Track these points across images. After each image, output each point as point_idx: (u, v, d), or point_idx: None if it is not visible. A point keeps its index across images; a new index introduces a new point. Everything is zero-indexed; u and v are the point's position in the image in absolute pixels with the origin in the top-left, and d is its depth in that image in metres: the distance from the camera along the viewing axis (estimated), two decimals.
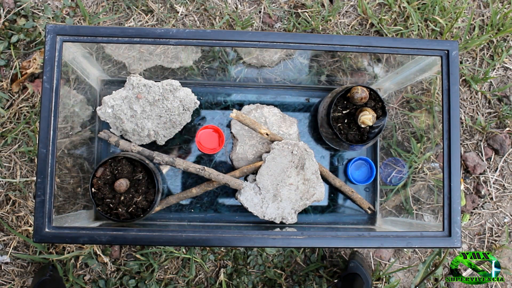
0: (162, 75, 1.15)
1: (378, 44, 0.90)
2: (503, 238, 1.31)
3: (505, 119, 1.33)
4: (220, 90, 1.19)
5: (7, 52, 1.26)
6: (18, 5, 1.27)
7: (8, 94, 1.25)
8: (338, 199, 1.19)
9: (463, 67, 1.34)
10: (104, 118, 1.07)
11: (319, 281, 1.26)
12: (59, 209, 0.93)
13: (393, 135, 1.19)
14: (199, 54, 1.11)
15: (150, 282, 1.22)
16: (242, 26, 1.29)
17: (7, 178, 1.23)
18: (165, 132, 1.10)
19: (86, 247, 1.21)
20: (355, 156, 1.20)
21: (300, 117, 1.20)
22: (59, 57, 0.85)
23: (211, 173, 1.06)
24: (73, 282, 1.21)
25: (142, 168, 1.03)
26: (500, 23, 1.34)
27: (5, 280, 1.22)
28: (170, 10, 1.30)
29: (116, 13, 1.29)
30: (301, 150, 1.08)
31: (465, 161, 1.32)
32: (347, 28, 1.34)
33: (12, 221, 1.22)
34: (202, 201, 1.15)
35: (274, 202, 1.07)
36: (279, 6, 1.33)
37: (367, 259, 1.29)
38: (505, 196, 1.33)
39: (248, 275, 1.25)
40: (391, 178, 1.19)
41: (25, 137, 1.23)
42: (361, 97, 1.05)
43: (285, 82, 1.20)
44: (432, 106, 1.08)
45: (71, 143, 1.03)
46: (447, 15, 1.32)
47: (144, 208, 1.01)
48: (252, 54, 1.13)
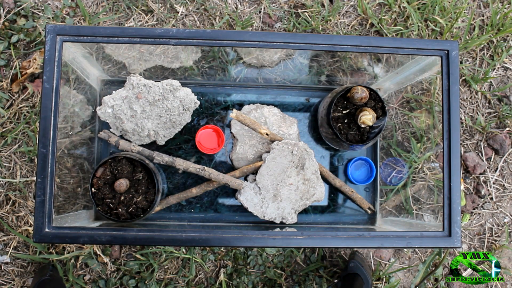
0: (162, 75, 1.15)
1: (378, 44, 0.90)
2: (503, 238, 1.31)
3: (505, 119, 1.33)
4: (220, 90, 1.19)
5: (7, 52, 1.26)
6: (18, 5, 1.27)
7: (8, 94, 1.25)
8: (338, 199, 1.19)
9: (463, 67, 1.34)
10: (104, 118, 1.07)
11: (319, 281, 1.26)
12: (59, 209, 0.93)
13: (393, 135, 1.19)
14: (199, 54, 1.11)
15: (150, 282, 1.22)
16: (242, 26, 1.29)
17: (7, 178, 1.23)
18: (165, 132, 1.10)
19: (86, 247, 1.21)
20: (355, 156, 1.20)
21: (300, 117, 1.20)
22: (59, 57, 0.85)
23: (211, 173, 1.06)
24: (73, 282, 1.21)
25: (142, 168, 1.03)
26: (500, 23, 1.34)
27: (5, 280, 1.22)
28: (170, 10, 1.30)
29: (116, 13, 1.29)
30: (301, 150, 1.08)
31: (465, 161, 1.32)
32: (347, 28, 1.34)
33: (12, 221, 1.22)
34: (202, 201, 1.15)
35: (274, 202, 1.07)
36: (279, 6, 1.33)
37: (367, 259, 1.29)
38: (505, 196, 1.33)
39: (248, 275, 1.25)
40: (391, 178, 1.19)
41: (25, 137, 1.23)
42: (361, 97, 1.05)
43: (285, 82, 1.20)
44: (432, 106, 1.08)
45: (71, 143, 1.03)
46: (447, 15, 1.32)
47: (144, 208, 1.01)
48: (252, 54, 1.13)
